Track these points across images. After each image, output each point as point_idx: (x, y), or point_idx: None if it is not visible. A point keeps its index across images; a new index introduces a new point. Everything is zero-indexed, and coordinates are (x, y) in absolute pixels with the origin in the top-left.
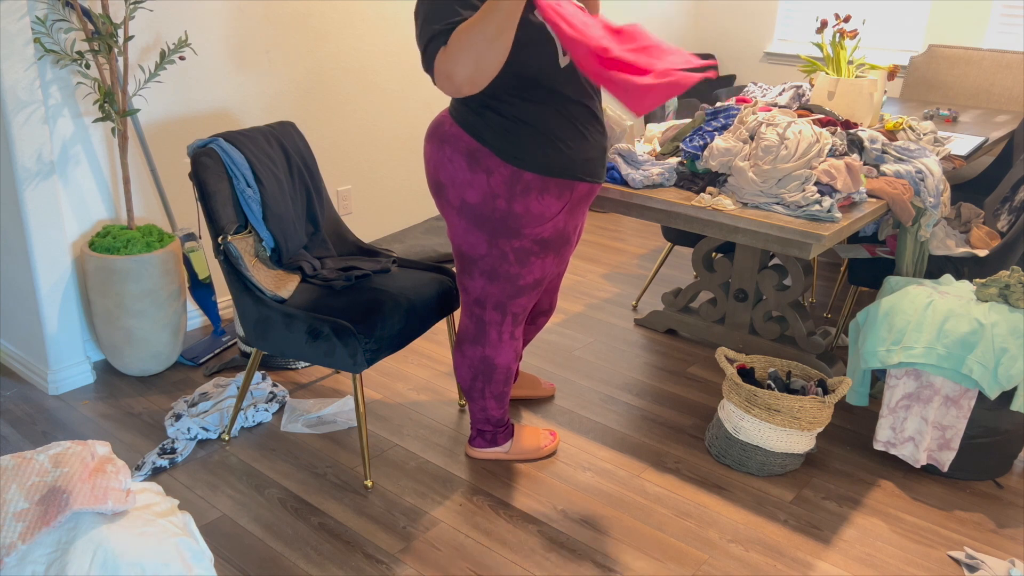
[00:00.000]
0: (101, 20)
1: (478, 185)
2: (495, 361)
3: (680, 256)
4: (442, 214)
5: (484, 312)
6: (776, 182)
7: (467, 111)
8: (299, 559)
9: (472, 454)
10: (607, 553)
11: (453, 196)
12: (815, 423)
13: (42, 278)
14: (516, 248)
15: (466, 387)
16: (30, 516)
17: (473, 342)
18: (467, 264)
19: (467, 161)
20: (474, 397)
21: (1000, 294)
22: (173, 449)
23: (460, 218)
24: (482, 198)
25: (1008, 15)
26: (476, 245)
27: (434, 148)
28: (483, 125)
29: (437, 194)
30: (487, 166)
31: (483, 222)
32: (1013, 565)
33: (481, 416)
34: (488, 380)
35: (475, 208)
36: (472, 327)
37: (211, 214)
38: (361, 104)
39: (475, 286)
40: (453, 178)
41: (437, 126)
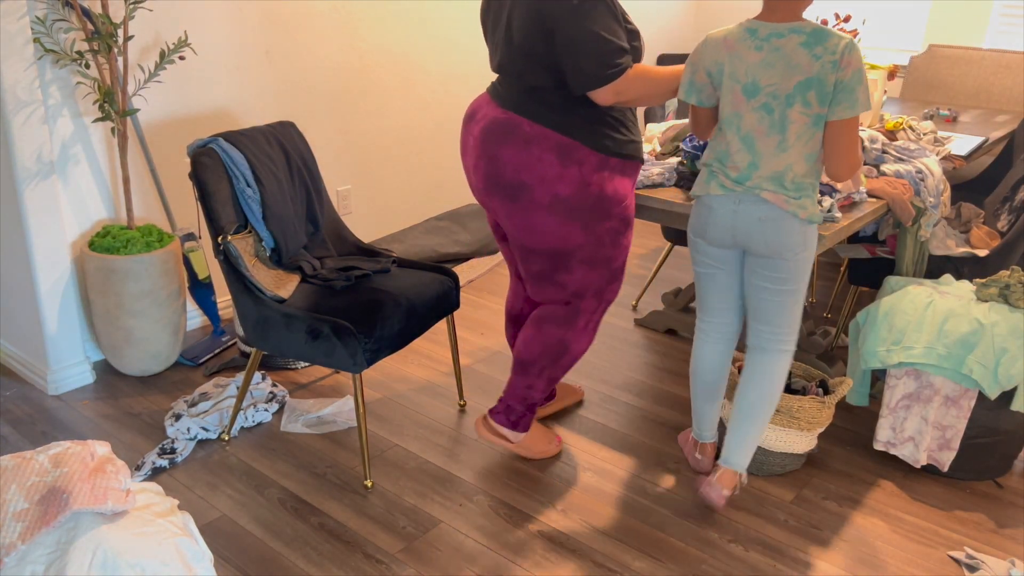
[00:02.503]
0: (101, 20)
1: (570, 177)
2: (572, 347)
3: (680, 256)
4: (518, 218)
5: (582, 301)
6: None
7: (552, 111)
8: (299, 559)
9: (483, 429)
10: (607, 553)
11: (542, 194)
12: (815, 423)
13: (42, 278)
14: (608, 229)
15: (527, 360)
16: (30, 516)
17: (558, 324)
18: (563, 259)
19: (557, 156)
20: (528, 372)
21: (1000, 294)
22: (173, 449)
23: (551, 214)
24: (575, 188)
25: (1008, 15)
26: (571, 236)
27: (516, 150)
28: (571, 122)
29: (515, 196)
30: (578, 158)
31: (577, 211)
32: (1013, 565)
33: (521, 393)
34: (554, 363)
35: (569, 200)
36: (563, 311)
37: (211, 214)
38: (361, 104)
39: (574, 278)
40: (542, 176)
41: (511, 128)
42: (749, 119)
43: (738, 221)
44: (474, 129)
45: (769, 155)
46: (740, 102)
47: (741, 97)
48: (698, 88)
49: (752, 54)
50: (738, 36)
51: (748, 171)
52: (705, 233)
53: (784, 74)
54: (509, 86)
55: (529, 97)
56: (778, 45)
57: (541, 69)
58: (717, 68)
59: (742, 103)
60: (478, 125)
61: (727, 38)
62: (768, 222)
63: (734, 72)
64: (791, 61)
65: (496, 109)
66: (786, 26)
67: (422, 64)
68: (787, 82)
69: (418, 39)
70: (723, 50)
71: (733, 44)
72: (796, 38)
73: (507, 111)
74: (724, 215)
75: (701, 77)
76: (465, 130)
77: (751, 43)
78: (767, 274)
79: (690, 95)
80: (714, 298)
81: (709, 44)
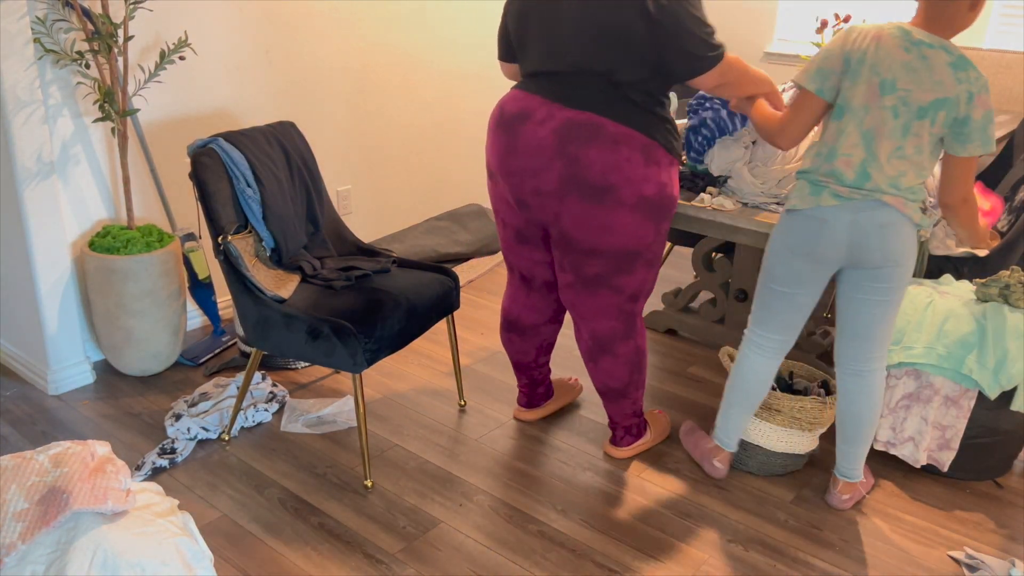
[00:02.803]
0: (101, 20)
1: (652, 178)
2: (643, 346)
3: (680, 256)
4: (597, 219)
5: (636, 304)
6: (776, 182)
7: (636, 111)
8: (299, 559)
9: (620, 454)
10: (607, 553)
11: (629, 194)
12: (816, 424)
13: (42, 278)
14: (666, 229)
15: (622, 387)
16: (30, 516)
17: (624, 338)
18: (628, 261)
19: (643, 157)
20: (628, 394)
21: (1000, 294)
22: (173, 449)
23: (634, 214)
24: (657, 189)
25: (1008, 15)
26: (645, 236)
27: (605, 151)
28: (650, 123)
29: (599, 198)
30: (656, 159)
31: (655, 211)
32: (1013, 565)
33: (630, 410)
34: (640, 369)
35: (651, 200)
36: (621, 326)
37: (211, 214)
38: (361, 104)
39: (634, 280)
40: (630, 176)
41: (594, 129)
42: (875, 116)
43: (857, 231)
44: (537, 131)
45: (884, 158)
46: (874, 96)
47: (876, 91)
48: (825, 75)
49: (900, 53)
50: (890, 31)
51: (862, 171)
52: (814, 249)
53: (923, 85)
54: (577, 85)
55: (610, 96)
56: (926, 55)
57: (636, 64)
58: (859, 55)
59: (875, 98)
60: (544, 127)
61: (879, 31)
62: (889, 227)
63: (877, 64)
64: (935, 76)
65: (565, 110)
66: (937, 40)
67: (422, 64)
68: (924, 94)
69: (418, 39)
70: (871, 40)
71: (883, 37)
72: (945, 56)
73: (584, 111)
74: (841, 227)
75: (834, 63)
76: (512, 132)
77: (901, 42)
78: (875, 286)
79: (813, 81)
80: (784, 317)
81: (855, 32)
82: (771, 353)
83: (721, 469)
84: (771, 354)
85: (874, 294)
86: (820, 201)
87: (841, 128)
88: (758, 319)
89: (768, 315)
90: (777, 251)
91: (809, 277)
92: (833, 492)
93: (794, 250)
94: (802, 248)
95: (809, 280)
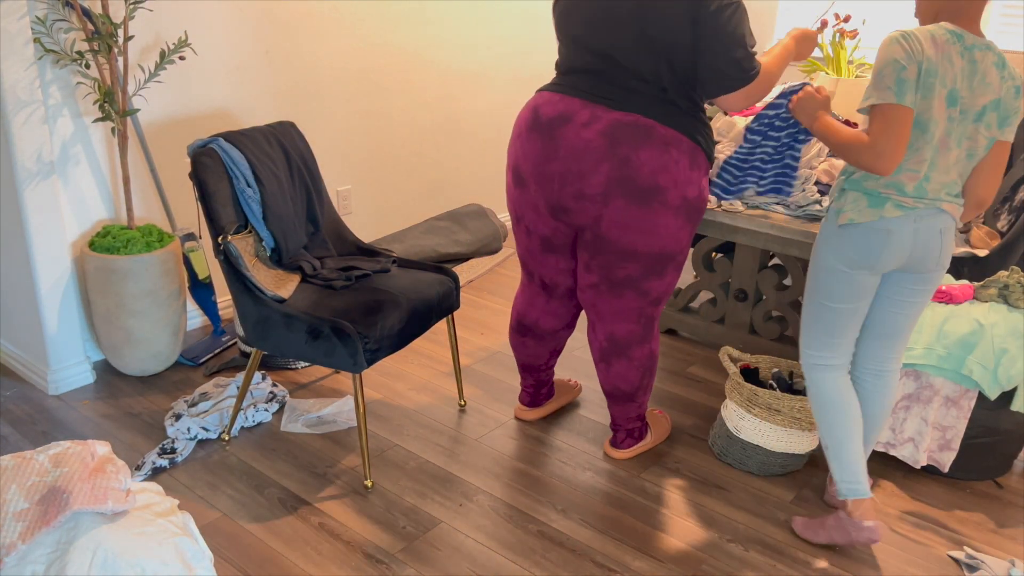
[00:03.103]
0: (101, 20)
1: (695, 181)
2: (656, 350)
3: None
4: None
5: (656, 308)
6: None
7: (681, 115)
8: (299, 559)
9: (620, 456)
10: (607, 553)
11: (674, 197)
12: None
13: (42, 278)
14: (695, 231)
15: (632, 390)
16: (30, 516)
17: (641, 342)
18: (662, 264)
19: (689, 160)
20: (637, 397)
21: (1000, 294)
22: (173, 449)
23: (677, 216)
24: (699, 191)
25: (1008, 15)
26: (682, 238)
27: (657, 153)
28: (694, 127)
29: (647, 199)
30: (699, 162)
31: (694, 213)
32: (1013, 565)
33: (635, 414)
34: (651, 374)
35: (693, 202)
36: (640, 329)
37: (211, 214)
38: (361, 104)
39: (663, 284)
40: (676, 179)
41: (646, 131)
42: (942, 128)
43: (918, 240)
44: (582, 133)
45: (943, 167)
46: (942, 108)
47: (944, 103)
48: (910, 85)
49: (958, 59)
50: (944, 37)
51: (922, 182)
52: (877, 261)
53: (976, 89)
54: (624, 87)
55: (657, 99)
56: (977, 58)
57: (679, 70)
58: (930, 66)
59: (943, 110)
60: (590, 129)
61: (933, 37)
62: (946, 233)
63: (944, 75)
64: (985, 78)
65: (610, 111)
66: (982, 40)
67: (423, 64)
68: (977, 98)
69: (419, 39)
70: (934, 48)
71: (941, 44)
72: (991, 56)
73: (631, 114)
74: (904, 237)
75: (911, 74)
76: (551, 135)
77: (957, 48)
78: (920, 288)
79: (903, 94)
80: (851, 331)
81: (916, 39)
82: (844, 370)
83: (876, 527)
84: (844, 370)
85: (915, 296)
86: (883, 212)
87: (910, 144)
88: (823, 343)
89: (833, 336)
90: (833, 268)
91: (869, 287)
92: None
93: (854, 264)
94: (865, 261)
95: (869, 290)
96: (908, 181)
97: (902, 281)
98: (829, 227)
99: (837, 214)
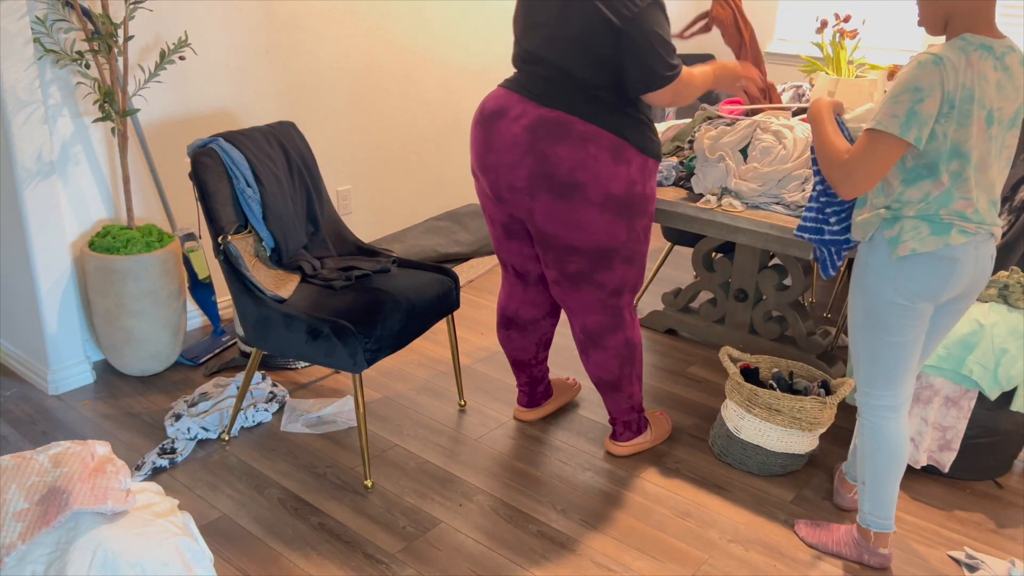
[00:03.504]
0: (101, 20)
1: (622, 176)
2: (635, 339)
3: (680, 256)
4: (566, 216)
5: (620, 299)
6: (776, 182)
7: (604, 111)
8: (299, 559)
9: (620, 451)
10: (607, 553)
11: (595, 192)
12: (816, 424)
13: (42, 278)
14: (643, 226)
15: (613, 380)
16: (30, 516)
17: (612, 331)
18: (606, 257)
19: (611, 156)
20: (622, 387)
21: (999, 294)
22: (173, 449)
23: (603, 212)
24: (626, 187)
25: (1008, 15)
26: (617, 234)
27: (573, 149)
28: (621, 123)
29: (567, 195)
30: (627, 158)
31: (625, 209)
32: (1013, 565)
33: (627, 405)
34: (632, 362)
35: (620, 198)
36: (606, 319)
37: (211, 214)
38: (361, 104)
39: (614, 276)
40: (597, 175)
41: (564, 127)
42: (981, 149)
43: (978, 266)
44: (511, 127)
45: (987, 185)
46: (982, 131)
47: (983, 125)
48: (923, 122)
49: (993, 74)
50: (978, 54)
51: (979, 206)
52: (942, 292)
53: (1009, 97)
54: (551, 83)
55: (581, 96)
56: (1008, 64)
57: (601, 69)
58: (964, 93)
59: (983, 132)
60: (518, 123)
61: (968, 59)
62: (994, 257)
63: (982, 97)
64: (1015, 82)
65: (537, 107)
66: (1005, 42)
67: (423, 64)
68: (1011, 105)
69: (419, 38)
70: (969, 71)
71: (978, 63)
72: (1018, 56)
73: (554, 110)
74: (968, 264)
75: (932, 108)
76: (489, 128)
77: (991, 62)
78: (963, 308)
79: (909, 128)
80: (914, 363)
81: (948, 66)
82: (904, 410)
83: (890, 555)
84: (905, 411)
85: (957, 317)
86: (949, 240)
87: (956, 173)
88: (887, 382)
89: (897, 371)
90: (892, 302)
91: (928, 315)
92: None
93: (917, 295)
94: (928, 292)
95: (928, 318)
96: (965, 207)
97: (952, 307)
98: (880, 258)
99: (893, 244)
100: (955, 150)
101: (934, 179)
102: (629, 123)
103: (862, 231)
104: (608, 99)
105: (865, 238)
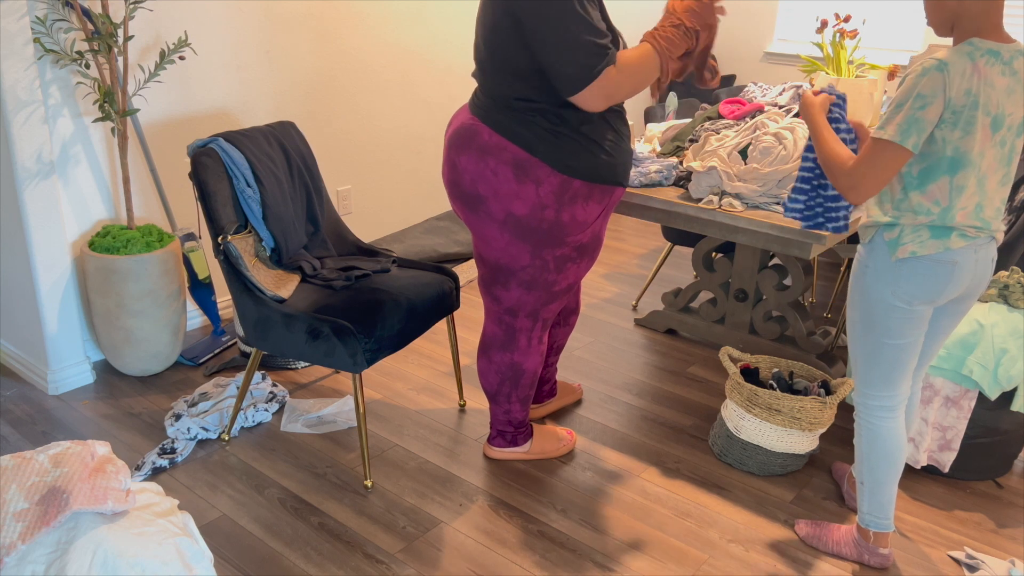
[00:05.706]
0: (101, 20)
1: (526, 196)
2: (524, 367)
3: (680, 256)
4: (475, 227)
5: (515, 320)
6: (776, 183)
7: (512, 120)
8: (299, 559)
9: (491, 454)
10: (607, 553)
11: (497, 209)
12: (816, 424)
13: (42, 278)
14: (557, 256)
15: (492, 391)
16: (30, 516)
17: (502, 348)
18: (503, 275)
19: (514, 172)
20: (499, 401)
21: (999, 295)
22: (173, 449)
23: (503, 231)
24: (530, 209)
25: (1008, 15)
26: (518, 257)
27: (472, 160)
28: (532, 135)
29: (473, 207)
30: (536, 176)
31: (529, 233)
32: (1013, 565)
33: (504, 418)
34: (515, 385)
35: (522, 220)
36: (501, 334)
37: (211, 214)
38: (361, 104)
39: (510, 296)
40: (497, 190)
41: (471, 135)
42: (989, 156)
43: (977, 270)
44: (447, 133)
45: (993, 192)
46: (987, 138)
47: (988, 132)
48: (922, 128)
49: (999, 79)
50: (985, 60)
51: (977, 212)
52: (940, 294)
53: (1019, 101)
54: (478, 89)
55: (493, 103)
56: (1016, 69)
57: (510, 73)
58: (969, 100)
59: (988, 139)
60: (450, 128)
61: (974, 64)
62: (995, 260)
63: (987, 103)
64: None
65: (466, 114)
66: (1013, 46)
67: (423, 64)
68: (1020, 110)
69: (419, 39)
70: (974, 76)
71: (983, 68)
72: None
73: (473, 117)
74: (967, 267)
75: (933, 115)
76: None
77: (998, 67)
78: (963, 309)
79: (908, 135)
80: (911, 365)
81: (953, 73)
82: (901, 411)
83: (890, 555)
84: (901, 412)
85: (957, 318)
86: (949, 244)
87: (957, 184)
88: (884, 383)
89: (895, 372)
90: (891, 304)
91: (927, 318)
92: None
93: (915, 298)
94: (927, 295)
95: (926, 320)
96: (963, 218)
97: (951, 309)
98: (880, 260)
99: (892, 247)
100: (959, 156)
101: (937, 184)
102: (543, 137)
103: (863, 232)
104: (520, 109)
105: (865, 240)
